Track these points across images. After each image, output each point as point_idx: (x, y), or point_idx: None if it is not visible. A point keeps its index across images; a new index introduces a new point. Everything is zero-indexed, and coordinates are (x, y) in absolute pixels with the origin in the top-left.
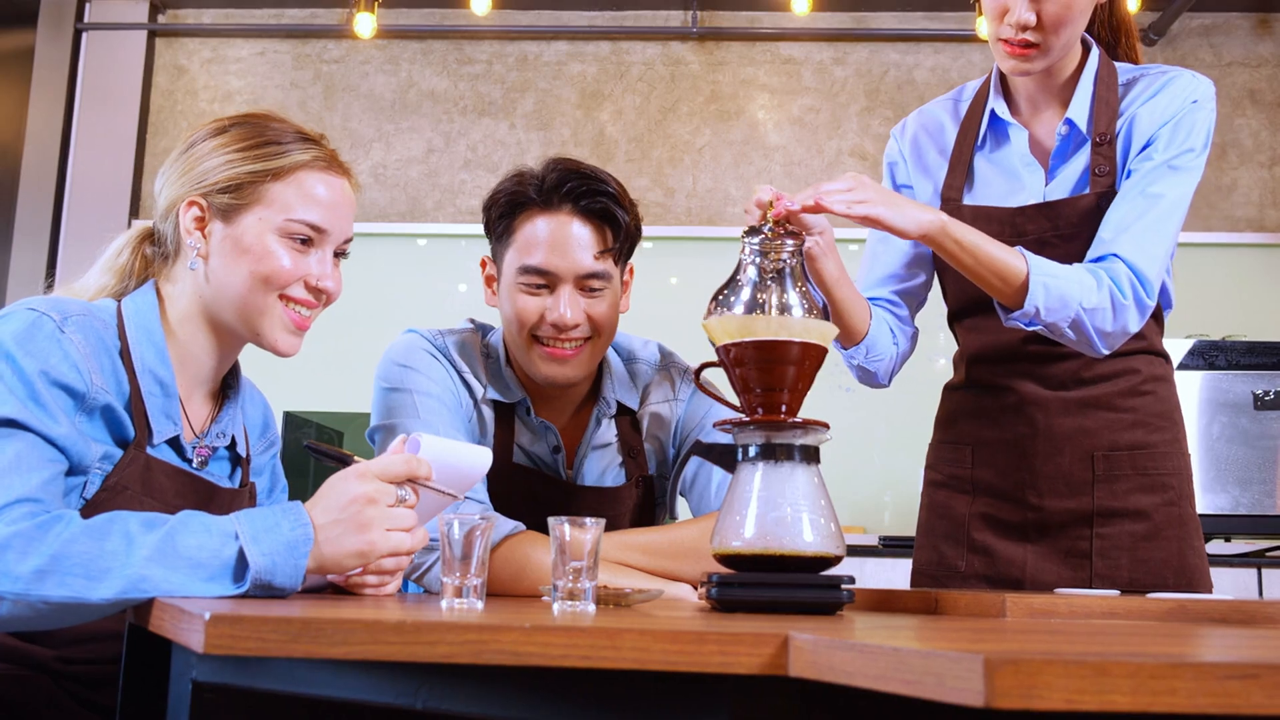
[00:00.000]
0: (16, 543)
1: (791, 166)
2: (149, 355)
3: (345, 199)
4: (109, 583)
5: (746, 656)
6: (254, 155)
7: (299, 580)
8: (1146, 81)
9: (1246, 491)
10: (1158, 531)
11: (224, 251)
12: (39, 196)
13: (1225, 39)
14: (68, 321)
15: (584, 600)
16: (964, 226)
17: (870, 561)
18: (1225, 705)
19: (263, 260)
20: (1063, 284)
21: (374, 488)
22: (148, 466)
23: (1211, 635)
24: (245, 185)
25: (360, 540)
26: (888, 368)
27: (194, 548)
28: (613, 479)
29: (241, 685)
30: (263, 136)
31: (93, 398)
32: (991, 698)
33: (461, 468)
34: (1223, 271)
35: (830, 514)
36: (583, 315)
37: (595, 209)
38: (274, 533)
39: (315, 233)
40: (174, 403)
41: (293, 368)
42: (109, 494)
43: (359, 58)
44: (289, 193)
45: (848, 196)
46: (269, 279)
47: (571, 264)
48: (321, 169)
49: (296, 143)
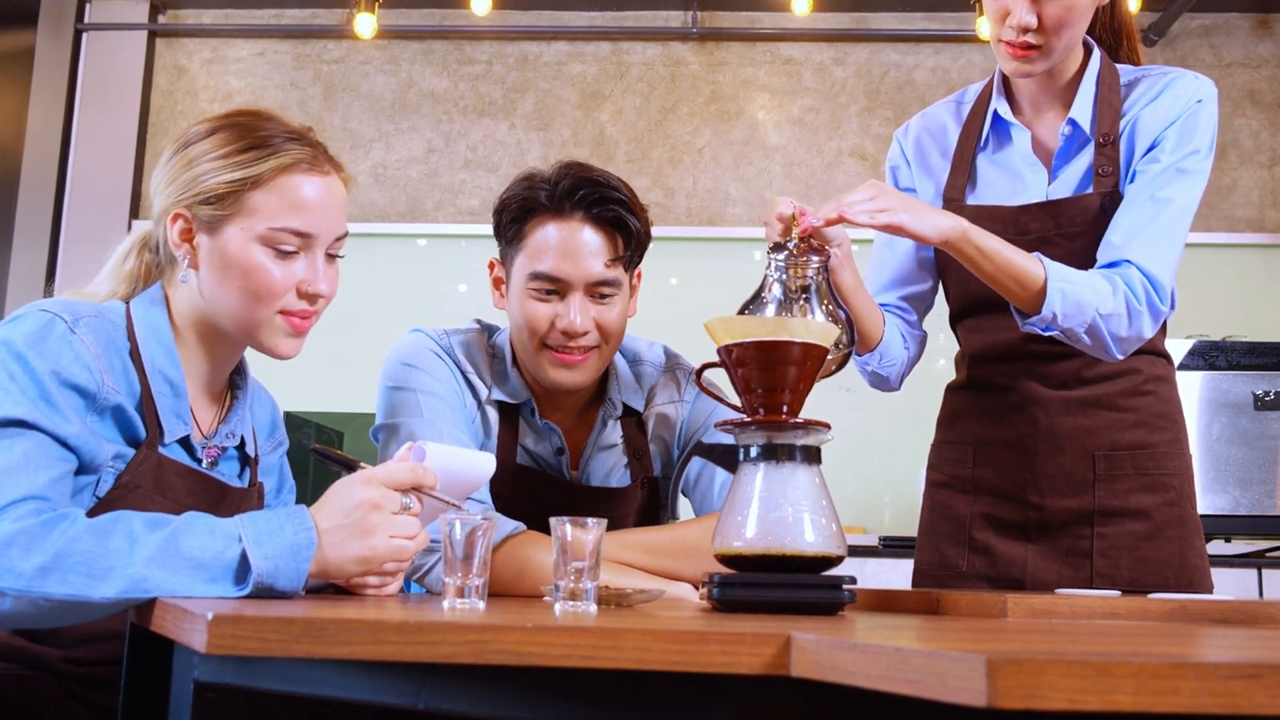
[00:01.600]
0: (21, 539)
1: (791, 167)
2: (158, 356)
3: (332, 198)
4: (111, 582)
5: (748, 657)
6: (235, 163)
7: (301, 584)
8: (1149, 82)
9: (1247, 492)
10: (1158, 531)
11: (211, 265)
12: (39, 197)
13: (1225, 39)
14: (79, 323)
15: (586, 600)
16: (983, 232)
17: (871, 562)
18: (1228, 705)
19: (250, 275)
20: (1080, 290)
21: (379, 494)
22: (160, 465)
23: (1213, 635)
24: (227, 195)
25: (364, 546)
26: (899, 372)
27: (197, 549)
28: (618, 480)
29: (243, 685)
30: (245, 140)
31: (104, 398)
32: (994, 698)
33: (466, 474)
34: (1223, 272)
35: (832, 514)
36: (592, 322)
37: (607, 216)
38: (277, 536)
39: (300, 238)
40: (184, 403)
41: (292, 368)
42: (121, 492)
43: (359, 58)
44: (271, 201)
45: (870, 206)
46: (259, 294)
47: (583, 271)
48: (305, 170)
49: (281, 144)
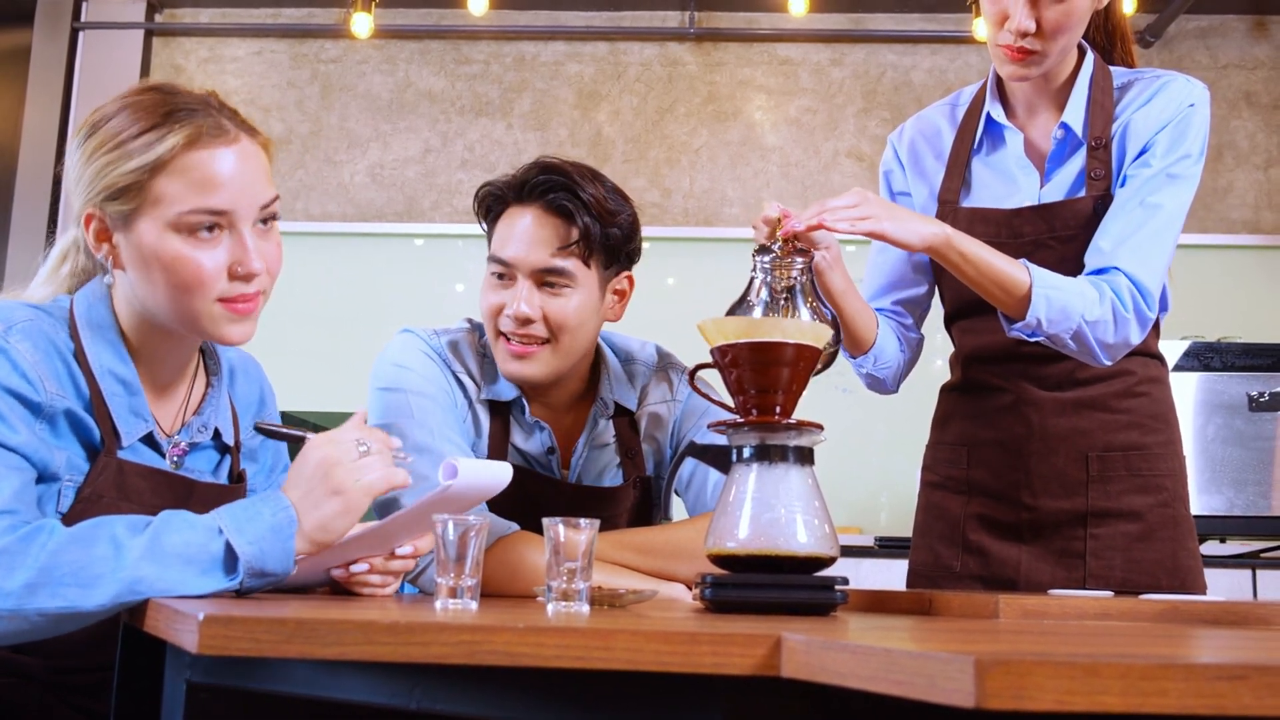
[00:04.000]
0: (2, 560)
1: (788, 167)
2: (105, 355)
3: (247, 166)
4: (102, 588)
5: (739, 657)
6: (131, 150)
7: (290, 563)
8: (1141, 85)
9: (1241, 493)
10: (1151, 532)
11: (133, 263)
12: (35, 196)
13: (1221, 41)
14: (11, 331)
15: (578, 601)
16: (968, 238)
17: (866, 562)
18: (1215, 706)
19: (172, 269)
20: (1065, 296)
21: (332, 449)
22: (120, 471)
23: (1203, 636)
24: (129, 188)
25: (338, 502)
26: (895, 375)
27: (180, 545)
28: (611, 479)
29: (235, 686)
30: (142, 123)
31: (50, 405)
32: (982, 698)
33: (490, 484)
34: (1218, 273)
35: (824, 515)
36: (539, 311)
37: (559, 206)
38: (256, 521)
39: (216, 217)
40: (140, 399)
41: (289, 367)
42: (85, 505)
43: (356, 57)
44: (175, 185)
45: (852, 214)
46: (188, 286)
47: (528, 257)
48: (208, 144)
49: (179, 119)
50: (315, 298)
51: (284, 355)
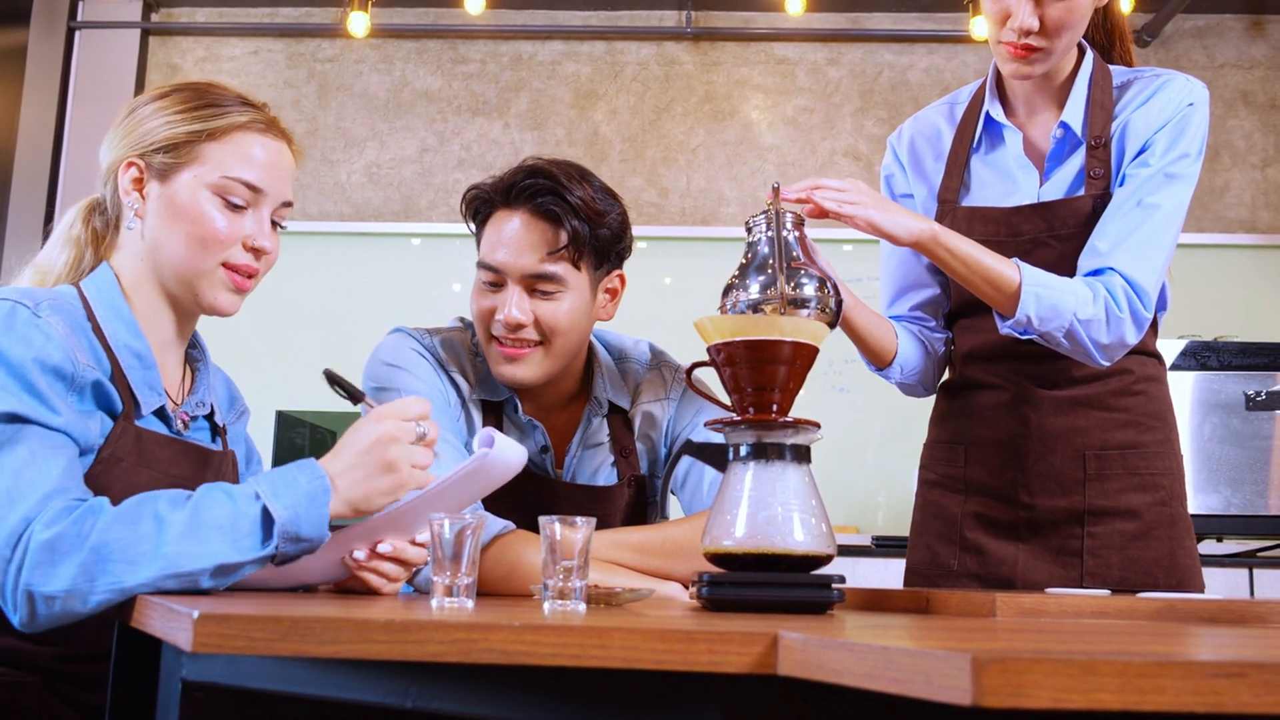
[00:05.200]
0: (60, 545)
1: (785, 167)
2: (120, 330)
3: (283, 162)
4: (146, 566)
5: (736, 655)
6: (192, 116)
7: (324, 529)
8: (1140, 85)
9: (1238, 492)
10: (1149, 531)
11: (159, 211)
12: (31, 195)
13: (1218, 41)
14: (41, 306)
15: (574, 599)
16: (956, 236)
17: (864, 561)
18: (1212, 704)
19: (197, 222)
20: (1056, 294)
21: (393, 426)
22: (139, 437)
23: (1200, 634)
24: (182, 145)
25: (389, 480)
26: (927, 378)
27: (221, 515)
28: (605, 478)
29: (230, 684)
30: (203, 100)
31: (81, 376)
32: (979, 696)
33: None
34: (1215, 272)
35: (821, 513)
36: (531, 316)
37: (547, 210)
38: (293, 487)
39: (251, 192)
40: (154, 373)
41: (286, 367)
42: (104, 466)
43: (353, 57)
44: (225, 152)
45: (840, 196)
46: (205, 241)
47: (518, 263)
48: (259, 131)
49: (236, 106)
50: (312, 297)
51: (281, 354)
